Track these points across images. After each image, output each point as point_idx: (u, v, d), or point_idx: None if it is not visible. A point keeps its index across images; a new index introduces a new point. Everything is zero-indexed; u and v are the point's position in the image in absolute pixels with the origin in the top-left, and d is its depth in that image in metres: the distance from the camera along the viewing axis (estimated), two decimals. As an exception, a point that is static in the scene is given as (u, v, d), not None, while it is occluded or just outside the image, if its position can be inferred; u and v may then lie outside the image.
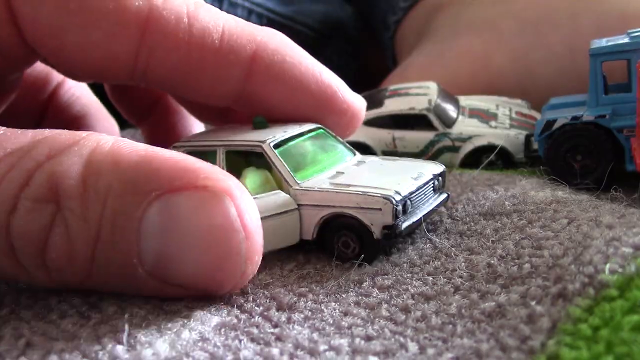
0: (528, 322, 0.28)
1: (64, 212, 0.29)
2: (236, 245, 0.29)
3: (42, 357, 0.28)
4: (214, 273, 0.30)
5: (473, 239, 0.38)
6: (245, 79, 0.40)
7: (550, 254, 0.33)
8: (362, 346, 0.29)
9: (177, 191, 0.29)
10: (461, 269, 0.35)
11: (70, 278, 0.30)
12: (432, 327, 0.30)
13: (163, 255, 0.29)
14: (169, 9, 0.37)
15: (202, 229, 0.29)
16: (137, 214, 0.29)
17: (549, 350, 0.26)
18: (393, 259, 0.37)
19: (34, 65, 0.42)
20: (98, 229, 0.29)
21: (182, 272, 0.30)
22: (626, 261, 0.30)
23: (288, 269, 0.37)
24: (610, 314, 0.27)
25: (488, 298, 0.31)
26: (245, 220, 0.29)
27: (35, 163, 0.29)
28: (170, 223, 0.29)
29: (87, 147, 0.30)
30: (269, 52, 0.40)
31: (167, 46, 0.37)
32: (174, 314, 0.31)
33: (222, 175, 0.30)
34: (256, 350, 0.29)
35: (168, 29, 0.37)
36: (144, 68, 0.38)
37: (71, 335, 0.29)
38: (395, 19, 0.80)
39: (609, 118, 0.46)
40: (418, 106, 0.55)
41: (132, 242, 0.29)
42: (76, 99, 0.53)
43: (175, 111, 0.51)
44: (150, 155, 0.30)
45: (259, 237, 0.30)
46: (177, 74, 0.39)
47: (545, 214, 0.38)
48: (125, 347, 0.28)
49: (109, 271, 0.30)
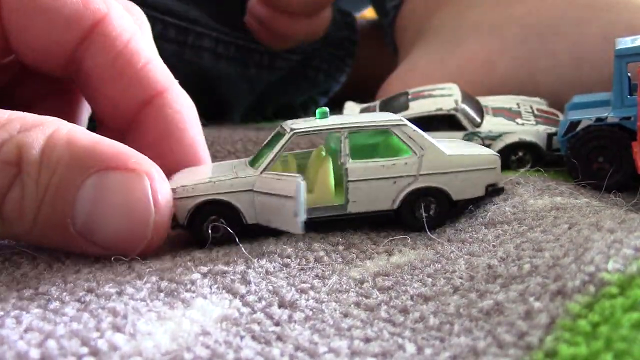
0: (526, 319, 0.28)
1: (23, 175, 0.35)
2: (147, 217, 0.37)
3: (40, 342, 0.28)
4: (128, 237, 0.37)
5: (475, 244, 0.38)
6: (142, 107, 0.45)
7: (551, 255, 0.33)
8: (361, 348, 0.29)
9: (111, 169, 0.36)
10: (461, 270, 0.35)
11: (17, 230, 0.36)
12: (430, 327, 0.30)
13: (91, 218, 0.36)
14: (120, 22, 0.44)
15: (124, 201, 0.36)
16: (77, 182, 0.36)
17: (547, 346, 0.26)
18: (394, 260, 0.37)
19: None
20: (45, 191, 0.35)
21: (103, 234, 0.36)
22: (628, 261, 0.30)
23: (286, 255, 0.37)
24: (610, 311, 0.27)
25: (487, 297, 0.31)
26: (157, 198, 0.37)
27: (8, 134, 0.36)
28: (101, 193, 0.36)
29: (50, 127, 0.37)
30: (174, 97, 0.46)
31: (103, 46, 0.43)
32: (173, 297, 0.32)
33: (148, 161, 0.38)
34: (257, 350, 0.29)
35: (111, 35, 0.43)
36: (79, 61, 0.44)
37: (70, 320, 0.29)
38: (394, 4, 0.80)
39: (633, 120, 0.45)
40: (445, 107, 0.55)
41: (69, 205, 0.36)
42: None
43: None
44: (98, 141, 0.37)
45: (166, 213, 0.38)
46: (100, 74, 0.44)
47: (546, 220, 0.38)
48: (126, 337, 0.28)
49: (47, 227, 0.36)
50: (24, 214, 0.36)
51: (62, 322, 0.30)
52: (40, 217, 0.36)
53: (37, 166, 0.35)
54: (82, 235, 0.36)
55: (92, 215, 0.36)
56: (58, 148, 0.36)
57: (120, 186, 0.36)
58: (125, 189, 0.36)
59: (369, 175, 0.41)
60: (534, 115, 0.56)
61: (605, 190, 0.45)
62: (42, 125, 0.37)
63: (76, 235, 0.36)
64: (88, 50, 0.43)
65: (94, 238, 0.37)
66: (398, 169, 0.41)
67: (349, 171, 0.41)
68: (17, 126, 0.36)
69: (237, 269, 0.35)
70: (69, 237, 0.36)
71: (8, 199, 0.35)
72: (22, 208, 0.35)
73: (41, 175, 0.35)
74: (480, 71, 0.65)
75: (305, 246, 0.38)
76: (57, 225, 0.36)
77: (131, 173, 0.36)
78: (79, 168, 0.36)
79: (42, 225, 0.36)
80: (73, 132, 0.37)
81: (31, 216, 0.36)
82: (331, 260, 0.37)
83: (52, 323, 0.30)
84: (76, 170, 0.36)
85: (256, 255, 0.37)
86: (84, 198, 0.36)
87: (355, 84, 0.95)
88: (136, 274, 0.35)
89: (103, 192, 0.36)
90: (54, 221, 0.36)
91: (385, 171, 0.41)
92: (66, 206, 0.36)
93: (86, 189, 0.36)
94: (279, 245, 0.39)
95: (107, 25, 0.43)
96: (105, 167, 0.36)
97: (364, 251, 0.38)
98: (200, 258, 0.37)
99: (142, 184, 0.37)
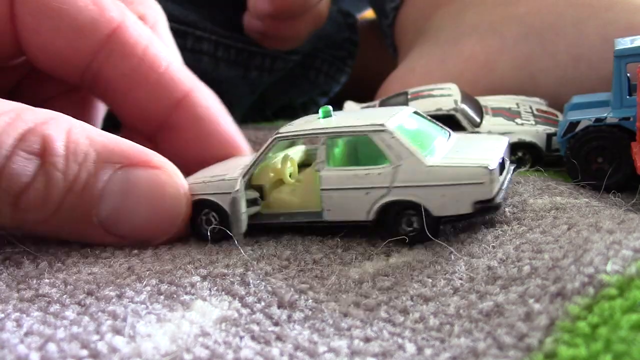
0: (525, 320, 0.28)
1: (47, 165, 0.36)
2: (178, 211, 0.40)
3: (41, 346, 0.28)
4: (156, 230, 0.39)
5: (474, 245, 0.38)
6: (173, 110, 0.47)
7: (551, 257, 0.33)
8: (361, 347, 0.29)
9: (138, 166, 0.39)
10: (461, 271, 0.35)
11: (33, 218, 0.37)
12: (430, 328, 0.30)
13: (117, 211, 0.38)
14: (135, 28, 0.45)
15: (155, 196, 0.39)
16: (104, 177, 0.38)
17: (547, 347, 0.26)
18: (393, 261, 0.37)
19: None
20: (73, 182, 0.37)
21: (129, 226, 0.39)
22: (626, 263, 0.30)
23: (285, 258, 0.37)
24: (609, 313, 0.27)
25: (487, 298, 0.31)
26: (185, 194, 0.40)
27: (26, 125, 0.36)
28: (129, 188, 0.38)
29: (65, 122, 0.38)
30: (201, 95, 0.47)
31: (123, 54, 0.44)
32: (173, 300, 0.32)
33: (166, 159, 0.40)
34: (257, 350, 0.29)
35: (129, 42, 0.44)
36: (97, 70, 0.45)
37: (70, 324, 0.29)
38: (393, 6, 0.80)
39: (633, 120, 0.45)
40: (445, 107, 0.55)
41: (95, 197, 0.38)
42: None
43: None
44: (116, 139, 0.39)
45: (189, 207, 0.40)
46: (123, 82, 0.45)
47: (545, 221, 0.38)
48: (125, 339, 0.28)
49: (69, 217, 0.38)
50: (46, 203, 0.37)
51: (62, 325, 0.30)
52: (63, 208, 0.37)
53: (62, 158, 0.37)
54: (105, 227, 0.38)
55: (119, 208, 0.38)
56: (82, 143, 0.37)
57: (149, 182, 0.39)
58: (155, 185, 0.39)
59: (342, 185, 0.39)
60: (533, 115, 0.56)
61: (605, 190, 0.45)
62: (55, 119, 0.38)
63: (98, 226, 0.38)
64: (108, 60, 0.44)
65: (117, 229, 0.39)
66: (371, 179, 0.38)
67: (322, 179, 0.39)
68: (32, 117, 0.37)
69: (237, 271, 0.36)
70: (89, 227, 0.38)
71: (32, 188, 0.36)
72: (45, 198, 0.37)
73: (69, 167, 0.37)
74: (479, 71, 0.65)
75: (303, 249, 0.39)
76: (80, 216, 0.38)
77: (157, 170, 0.39)
78: (106, 164, 0.38)
79: (63, 215, 0.37)
80: (89, 129, 0.39)
81: (54, 206, 0.37)
82: (330, 261, 0.37)
83: (53, 327, 0.30)
84: (102, 165, 0.38)
85: (255, 258, 0.37)
86: (111, 192, 0.38)
87: (355, 83, 0.95)
88: (136, 276, 0.35)
89: (131, 187, 0.38)
90: (77, 212, 0.38)
91: (358, 181, 0.38)
92: (93, 199, 0.37)
93: (113, 183, 0.38)
94: (278, 248, 0.39)
95: (124, 32, 0.44)
96: (130, 163, 0.38)
97: (363, 253, 0.38)
98: (200, 260, 0.37)
99: (173, 179, 0.39)
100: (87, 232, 0.39)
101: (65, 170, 0.37)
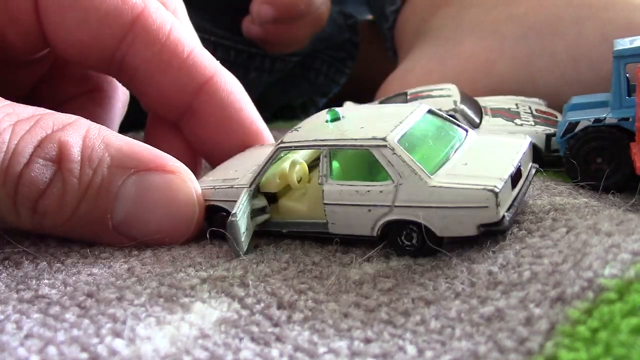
0: (526, 325, 0.28)
1: (63, 171, 0.37)
2: (192, 215, 0.40)
3: (41, 349, 0.28)
4: (169, 233, 0.40)
5: (474, 250, 0.38)
6: (195, 95, 0.47)
7: (550, 262, 0.33)
8: (361, 348, 0.29)
9: (152, 171, 0.39)
10: (462, 276, 0.34)
11: (50, 223, 0.38)
12: (431, 331, 0.30)
13: (131, 215, 0.39)
14: (158, 14, 0.45)
15: (170, 200, 0.39)
16: (118, 182, 0.38)
17: (547, 351, 0.26)
18: (393, 264, 0.37)
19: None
20: (87, 187, 0.38)
21: (143, 229, 0.39)
22: (625, 266, 0.30)
23: (284, 261, 0.37)
24: (609, 317, 0.27)
25: (488, 303, 0.31)
26: (199, 198, 0.40)
27: (44, 132, 0.37)
28: (143, 192, 0.38)
29: (82, 127, 0.39)
30: (224, 80, 0.47)
31: (147, 40, 0.44)
32: (172, 303, 0.32)
33: (181, 164, 0.40)
34: (256, 351, 0.29)
35: (152, 28, 0.44)
36: (122, 57, 0.45)
37: (70, 326, 0.29)
38: (394, 9, 0.79)
39: (632, 121, 0.45)
40: (444, 107, 0.54)
41: (110, 202, 0.38)
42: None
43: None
44: (132, 142, 0.39)
45: (203, 211, 0.41)
46: (147, 68, 0.45)
47: (544, 223, 0.38)
48: (125, 342, 0.28)
49: (83, 221, 0.38)
50: (63, 208, 0.38)
51: (62, 328, 0.30)
52: (78, 212, 0.38)
53: (78, 165, 0.37)
54: (119, 230, 0.39)
55: (133, 212, 0.39)
56: (97, 148, 0.38)
57: (163, 186, 0.39)
58: (169, 189, 0.39)
59: (344, 200, 0.37)
60: (532, 115, 0.56)
61: (604, 190, 0.45)
62: (74, 124, 0.38)
63: (112, 229, 0.39)
64: (132, 46, 0.44)
65: (131, 233, 0.39)
66: (373, 197, 0.37)
67: (325, 193, 0.38)
68: (50, 123, 0.38)
69: (236, 273, 0.36)
70: (103, 230, 0.39)
71: (48, 193, 0.37)
72: (61, 203, 0.37)
73: (83, 173, 0.37)
74: (479, 71, 0.64)
75: (302, 252, 0.39)
76: (94, 220, 0.38)
77: (171, 174, 0.39)
78: (120, 168, 0.38)
79: (78, 219, 0.38)
80: (105, 133, 0.39)
81: (70, 211, 0.38)
82: (329, 263, 0.37)
83: (53, 329, 0.30)
84: (117, 170, 0.38)
85: (255, 261, 0.37)
86: (125, 196, 0.38)
87: (354, 83, 0.95)
88: (136, 278, 0.35)
89: (145, 192, 0.38)
90: (92, 216, 0.38)
91: (360, 197, 0.37)
92: (108, 203, 0.38)
93: (127, 187, 0.38)
94: (278, 252, 0.39)
95: (147, 19, 0.44)
96: (144, 168, 0.39)
97: (362, 255, 0.38)
98: (201, 263, 0.37)
99: (187, 184, 0.40)
100: (103, 235, 0.39)
101: (80, 176, 0.37)
